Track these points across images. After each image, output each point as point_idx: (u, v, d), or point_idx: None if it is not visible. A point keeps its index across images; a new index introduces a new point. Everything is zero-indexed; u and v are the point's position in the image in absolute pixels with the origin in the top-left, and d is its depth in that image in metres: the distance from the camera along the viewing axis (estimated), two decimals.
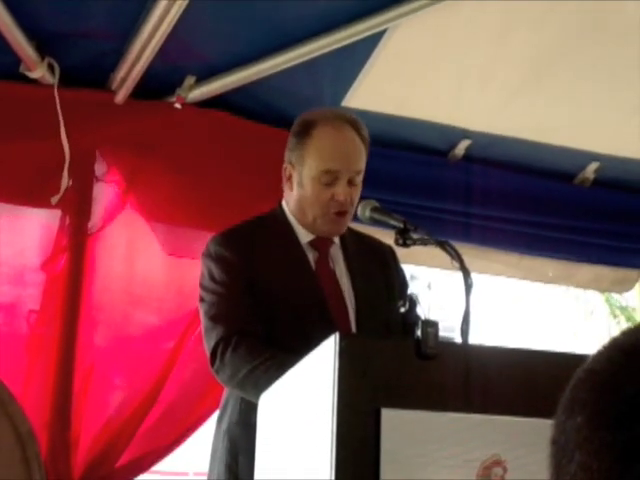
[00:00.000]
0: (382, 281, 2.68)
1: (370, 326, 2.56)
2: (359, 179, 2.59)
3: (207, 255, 2.61)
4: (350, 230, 2.73)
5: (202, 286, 2.59)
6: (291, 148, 2.63)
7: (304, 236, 2.63)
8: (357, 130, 2.60)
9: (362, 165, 2.60)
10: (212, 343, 2.46)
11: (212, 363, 2.46)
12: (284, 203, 2.69)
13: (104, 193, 3.34)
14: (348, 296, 2.61)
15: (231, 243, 2.59)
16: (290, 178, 2.63)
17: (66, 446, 3.17)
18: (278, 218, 2.67)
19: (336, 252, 2.67)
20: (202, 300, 2.58)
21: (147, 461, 3.37)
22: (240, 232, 2.66)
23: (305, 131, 2.60)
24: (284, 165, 2.65)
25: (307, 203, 2.58)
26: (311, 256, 2.63)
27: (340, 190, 2.54)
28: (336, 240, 2.67)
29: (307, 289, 2.56)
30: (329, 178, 2.54)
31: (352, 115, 2.66)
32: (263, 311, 2.49)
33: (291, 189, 2.63)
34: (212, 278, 2.56)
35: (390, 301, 2.62)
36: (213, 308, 2.52)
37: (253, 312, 2.49)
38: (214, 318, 2.50)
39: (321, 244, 2.65)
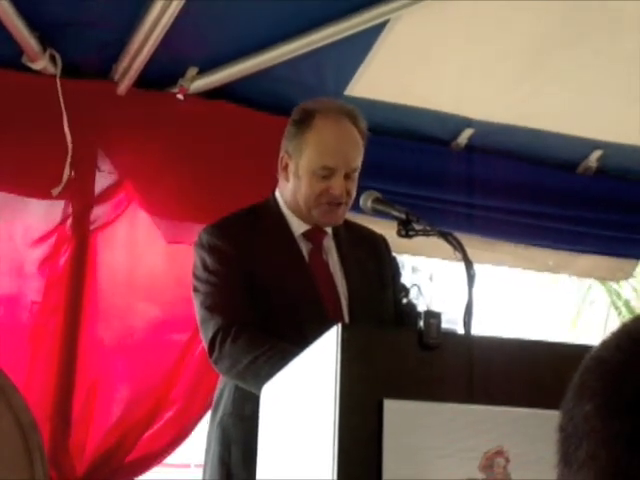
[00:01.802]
0: (375, 270, 2.68)
1: (363, 316, 2.56)
2: (356, 175, 2.60)
3: (200, 245, 2.60)
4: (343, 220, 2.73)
5: (195, 276, 2.59)
6: (289, 138, 2.63)
7: (298, 227, 2.63)
8: (355, 124, 2.60)
9: (359, 161, 2.60)
10: (210, 333, 2.46)
11: (210, 353, 2.46)
12: (278, 193, 2.68)
13: (107, 184, 3.34)
14: (341, 287, 2.61)
15: (224, 233, 2.59)
16: (286, 168, 2.63)
17: (69, 438, 3.18)
18: (272, 209, 2.66)
19: (329, 243, 2.67)
20: (196, 290, 2.57)
21: (154, 457, 3.37)
22: (233, 222, 2.66)
23: (304, 122, 2.60)
24: (281, 154, 2.64)
25: (301, 194, 2.58)
26: (304, 248, 2.63)
27: (336, 184, 2.54)
28: (329, 231, 2.67)
29: (300, 281, 2.56)
30: (326, 172, 2.55)
31: (351, 107, 2.65)
32: (256, 302, 2.49)
33: (287, 179, 2.63)
34: (206, 268, 2.55)
35: (383, 290, 2.63)
36: (209, 298, 2.52)
37: (249, 302, 2.49)
38: (210, 308, 2.50)
39: (314, 236, 2.65)
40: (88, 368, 3.24)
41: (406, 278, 2.82)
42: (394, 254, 2.85)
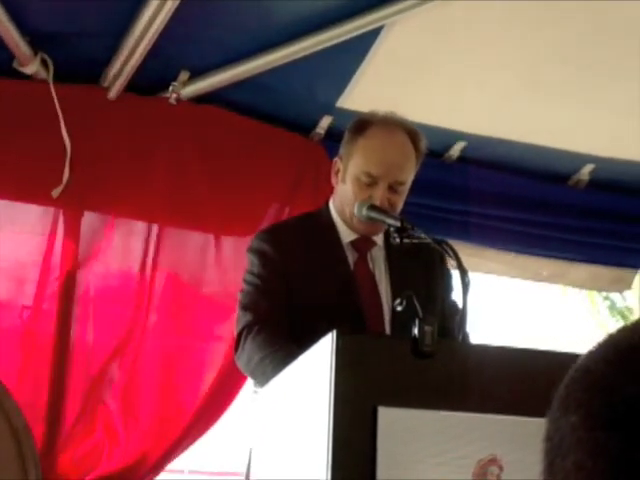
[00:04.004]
0: (423, 283, 2.62)
1: (404, 328, 2.55)
2: (402, 188, 2.58)
3: (249, 250, 2.65)
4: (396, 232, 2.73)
5: (243, 279, 2.64)
6: (343, 144, 2.66)
7: (346, 236, 2.64)
8: (413, 140, 2.60)
9: (406, 176, 2.58)
10: (238, 330, 2.51)
11: (235, 350, 2.50)
12: (331, 201, 2.71)
13: (98, 189, 3.33)
14: (386, 298, 2.61)
15: (272, 239, 2.62)
16: (338, 172, 2.65)
17: (60, 442, 3.17)
18: (323, 217, 2.69)
19: (378, 253, 2.67)
20: (241, 291, 2.62)
21: (152, 464, 3.37)
22: (283, 229, 2.72)
23: (360, 129, 2.61)
24: (335, 159, 2.67)
25: (346, 199, 2.60)
26: (351, 256, 2.63)
27: (378, 194, 2.54)
28: (379, 241, 2.67)
29: (342, 288, 2.57)
30: (369, 180, 2.55)
31: (413, 126, 2.64)
32: (296, 309, 2.51)
33: (337, 183, 2.66)
34: (251, 271, 2.60)
35: (429, 305, 2.59)
36: (246, 297, 2.57)
37: (284, 305, 2.52)
38: (245, 307, 2.55)
39: (361, 245, 2.65)
40: (80, 372, 3.24)
41: None
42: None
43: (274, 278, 2.56)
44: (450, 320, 2.54)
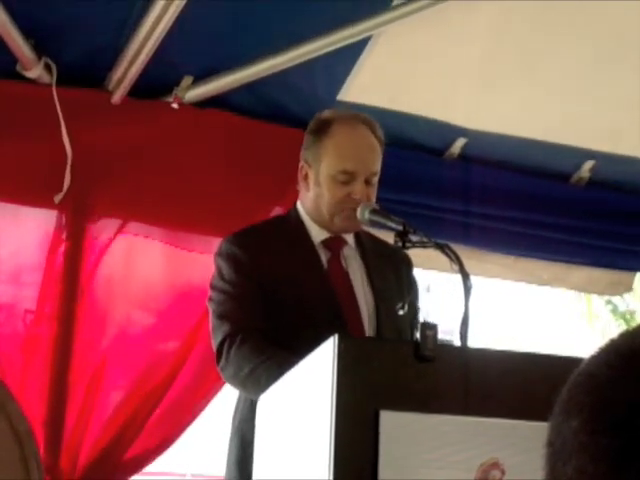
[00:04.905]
0: (395, 285, 2.67)
1: (388, 323, 2.56)
2: (375, 179, 2.62)
3: (219, 254, 2.63)
4: (366, 233, 2.75)
5: (212, 286, 2.61)
6: (307, 147, 2.67)
7: (317, 235, 2.65)
8: (372, 130, 2.63)
9: (378, 166, 2.63)
10: (218, 340, 2.48)
11: (218, 361, 2.48)
12: (299, 204, 2.71)
13: (101, 193, 3.33)
14: (362, 296, 2.62)
15: (242, 242, 2.61)
16: (306, 177, 2.65)
17: (63, 445, 3.18)
18: (292, 219, 2.69)
19: (350, 252, 2.69)
20: (211, 299, 2.60)
21: (141, 461, 3.37)
22: (253, 232, 2.69)
23: (322, 130, 2.63)
24: (300, 164, 2.67)
25: (324, 201, 2.61)
26: (323, 256, 2.64)
27: (357, 189, 2.56)
28: (350, 241, 2.68)
29: (318, 287, 2.57)
30: (346, 177, 2.57)
31: (368, 116, 2.68)
32: (272, 310, 2.50)
33: (307, 188, 2.65)
34: (222, 277, 2.58)
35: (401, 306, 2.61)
36: (221, 306, 2.55)
37: (261, 310, 2.51)
38: (221, 316, 2.52)
39: (333, 244, 2.66)
40: (82, 375, 3.24)
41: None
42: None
43: (247, 283, 2.55)
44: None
